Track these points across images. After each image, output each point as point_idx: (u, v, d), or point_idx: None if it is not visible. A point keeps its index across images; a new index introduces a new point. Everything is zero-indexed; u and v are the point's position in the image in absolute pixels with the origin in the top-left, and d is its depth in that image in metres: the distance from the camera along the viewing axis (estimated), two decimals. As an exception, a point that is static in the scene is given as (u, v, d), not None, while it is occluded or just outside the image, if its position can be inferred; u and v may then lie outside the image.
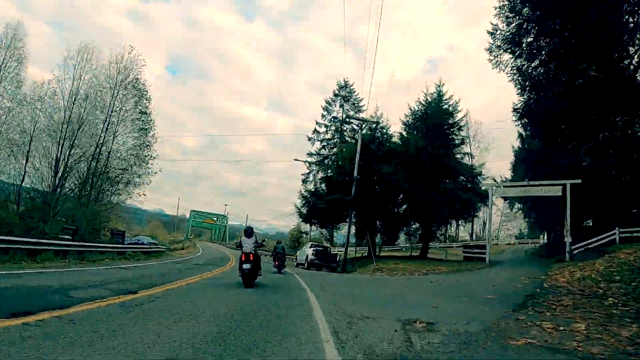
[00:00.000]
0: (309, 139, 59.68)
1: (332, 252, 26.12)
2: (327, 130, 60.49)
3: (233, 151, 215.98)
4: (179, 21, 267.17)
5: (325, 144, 59.97)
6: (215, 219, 74.91)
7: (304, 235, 56.87)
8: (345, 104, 61.39)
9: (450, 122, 30.37)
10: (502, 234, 64.19)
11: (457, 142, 30.90)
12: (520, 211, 37.36)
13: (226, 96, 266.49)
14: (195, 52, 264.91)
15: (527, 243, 48.65)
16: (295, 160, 40.40)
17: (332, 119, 60.24)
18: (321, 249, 25.72)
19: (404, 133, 30.83)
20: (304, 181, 59.56)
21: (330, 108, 60.93)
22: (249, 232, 10.78)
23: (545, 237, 38.67)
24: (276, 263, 18.85)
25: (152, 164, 25.13)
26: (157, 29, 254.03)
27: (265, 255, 30.91)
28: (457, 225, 43.37)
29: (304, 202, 33.20)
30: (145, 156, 24.41)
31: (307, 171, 59.57)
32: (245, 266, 9.90)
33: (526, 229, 60.21)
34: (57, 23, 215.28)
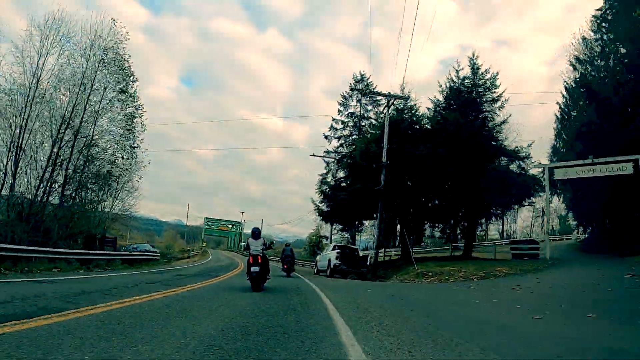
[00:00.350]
0: (326, 137, 55.34)
1: (360, 254, 21.51)
2: (344, 127, 56.09)
3: (250, 160, 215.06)
4: (192, 34, 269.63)
5: (343, 141, 55.50)
6: (230, 226, 70.98)
7: (324, 239, 52.31)
8: (362, 99, 56.99)
9: (488, 98, 25.52)
10: (537, 229, 58.10)
11: (496, 121, 26.00)
12: (560, 200, 31.68)
13: (242, 106, 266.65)
14: (209, 63, 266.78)
15: (562, 239, 42.11)
16: (312, 155, 35.75)
17: (349, 115, 55.84)
18: (347, 250, 20.98)
19: (436, 113, 26.02)
20: (322, 182, 55.15)
21: (347, 103, 56.57)
22: (256, 233, 10.31)
23: (581, 231, 32.93)
24: (285, 266, 18.30)
25: (139, 156, 21.22)
26: (170, 43, 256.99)
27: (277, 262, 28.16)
28: (488, 222, 38.11)
29: (323, 198, 28.63)
30: (132, 147, 20.46)
31: (325, 171, 55.27)
32: (254, 269, 9.47)
33: (557, 224, 55.10)
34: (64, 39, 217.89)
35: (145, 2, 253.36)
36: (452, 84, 26.62)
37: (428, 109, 26.11)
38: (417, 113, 27.12)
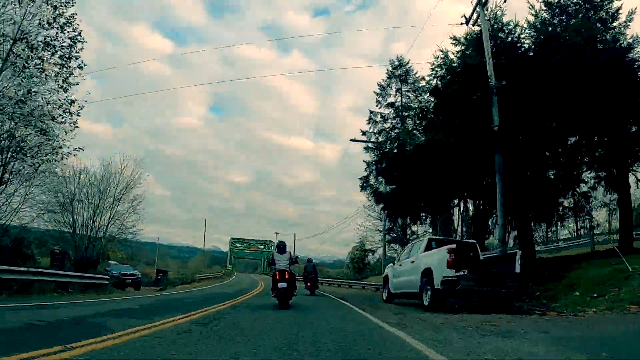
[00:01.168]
0: (364, 133, 46.66)
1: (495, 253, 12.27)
2: (384, 119, 47.21)
3: (282, 183, 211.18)
4: (217, 62, 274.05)
5: (384, 136, 46.55)
6: (261, 246, 62.44)
7: (371, 254, 42.88)
8: (402, 86, 48.16)
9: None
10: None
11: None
12: None
13: (271, 129, 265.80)
14: (236, 90, 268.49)
15: None
16: (352, 140, 26.68)
17: (389, 105, 46.86)
18: (466, 248, 10.01)
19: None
20: (363, 187, 46.08)
21: (385, 92, 47.58)
22: (281, 247, 10.00)
23: None
24: (308, 284, 17.27)
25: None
26: (196, 72, 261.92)
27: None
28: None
29: (384, 165, 19.48)
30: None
31: (366, 173, 46.23)
32: (281, 285, 9.00)
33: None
34: (99, 76, 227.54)
35: (170, 34, 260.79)
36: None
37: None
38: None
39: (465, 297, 8.87)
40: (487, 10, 13.78)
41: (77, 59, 15.04)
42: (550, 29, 13.35)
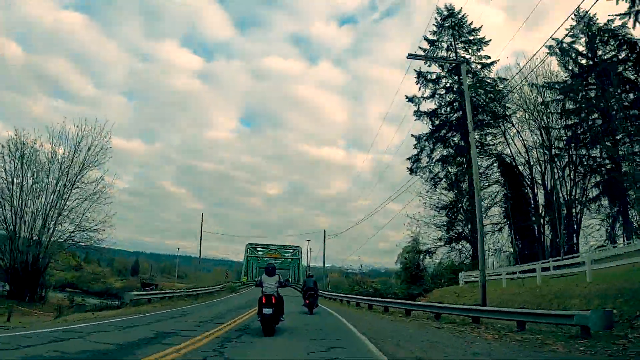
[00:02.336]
0: (410, 100, 35.78)
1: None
2: (435, 82, 36.14)
3: (315, 193, 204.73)
4: (245, 75, 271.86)
5: (437, 102, 35.49)
6: (288, 252, 51.46)
7: (428, 256, 31.23)
8: (455, 41, 37.06)
9: None
10: None
11: None
12: None
13: (303, 140, 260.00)
14: (266, 102, 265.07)
15: None
16: (410, 56, 15.19)
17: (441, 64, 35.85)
18: None
19: None
20: (413, 170, 35.13)
21: (436, 47, 36.91)
22: (270, 269, 9.69)
23: None
24: (306, 302, 15.95)
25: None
26: (226, 86, 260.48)
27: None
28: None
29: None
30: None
31: (416, 151, 35.26)
32: (267, 311, 8.74)
33: None
34: (129, 93, 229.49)
35: (198, 50, 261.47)
36: None
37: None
38: None
39: None
40: None
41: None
42: None
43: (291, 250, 50.79)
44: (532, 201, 33.36)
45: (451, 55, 36.06)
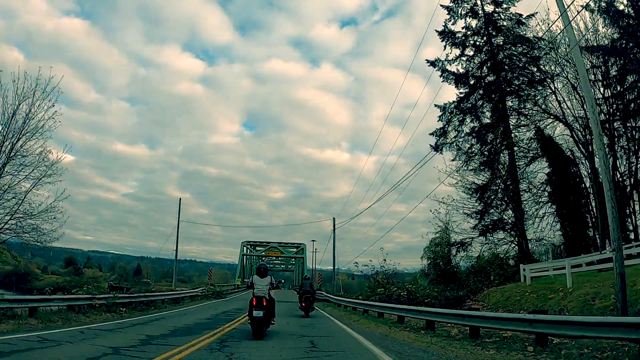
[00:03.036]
0: (432, 64, 29.72)
1: None
2: (463, 40, 30.12)
3: (320, 196, 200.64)
4: (247, 79, 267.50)
5: (468, 65, 29.38)
6: (293, 249, 44.83)
7: (462, 249, 24.92)
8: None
9: None
10: None
11: None
12: None
13: (306, 143, 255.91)
14: (268, 105, 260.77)
15: None
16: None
17: (470, 14, 29.84)
18: None
19: None
20: (438, 147, 29.09)
21: (454, 12, 30.83)
22: (262, 270, 9.45)
23: None
24: (302, 304, 15.68)
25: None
26: (228, 89, 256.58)
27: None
28: None
29: None
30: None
31: (442, 124, 29.23)
32: (257, 313, 8.55)
33: None
34: (131, 98, 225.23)
35: (200, 54, 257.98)
36: None
37: None
38: None
39: None
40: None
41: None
42: None
43: (294, 249, 44.56)
44: (583, 181, 27.34)
45: (478, 6, 30.05)
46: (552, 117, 26.82)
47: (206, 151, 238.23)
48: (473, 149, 27.83)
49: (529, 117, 28.56)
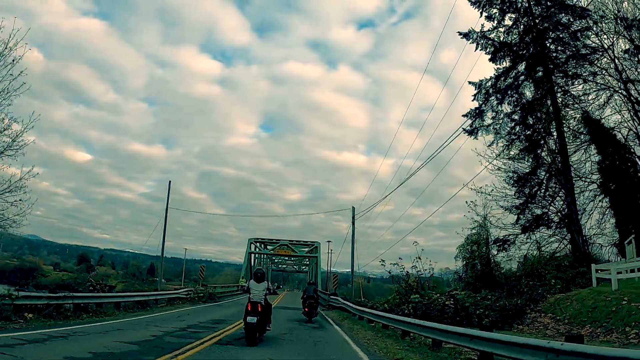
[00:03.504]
0: (465, 36, 25.67)
1: None
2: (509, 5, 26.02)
3: (336, 199, 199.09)
4: (265, 80, 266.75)
5: (507, 38, 25.28)
6: (303, 251, 41.13)
7: (502, 247, 20.80)
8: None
9: None
10: None
11: None
12: None
13: (323, 145, 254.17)
14: (285, 107, 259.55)
15: None
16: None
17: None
18: None
19: None
20: (473, 129, 25.22)
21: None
22: (259, 275, 9.40)
23: None
24: (305, 310, 15.93)
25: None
26: (246, 91, 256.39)
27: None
28: None
29: None
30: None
31: (477, 103, 25.29)
32: (250, 319, 8.42)
33: None
34: (149, 99, 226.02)
35: (217, 56, 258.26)
36: None
37: None
38: None
39: None
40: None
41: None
42: None
43: (307, 247, 40.98)
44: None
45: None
46: (610, 89, 22.59)
47: (223, 152, 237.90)
48: (514, 132, 23.86)
49: (577, 97, 24.44)
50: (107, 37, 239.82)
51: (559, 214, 23.31)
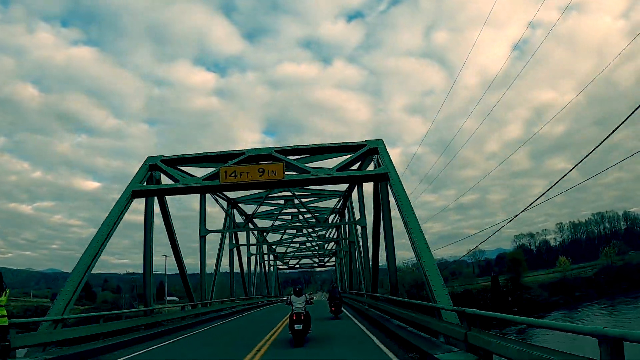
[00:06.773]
0: None
1: None
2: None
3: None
4: (262, 85, 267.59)
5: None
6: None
7: None
8: None
9: None
10: None
11: None
12: None
13: (327, 141, 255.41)
14: (286, 109, 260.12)
15: None
16: None
17: None
18: None
19: None
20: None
21: None
22: (297, 290, 11.60)
23: None
24: (332, 309, 18.31)
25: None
26: (244, 99, 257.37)
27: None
28: None
29: None
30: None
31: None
32: (297, 326, 10.63)
33: None
34: (150, 119, 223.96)
35: (211, 67, 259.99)
36: None
37: None
38: None
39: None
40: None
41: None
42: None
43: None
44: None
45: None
46: None
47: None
48: None
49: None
50: (99, 63, 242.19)
51: None
